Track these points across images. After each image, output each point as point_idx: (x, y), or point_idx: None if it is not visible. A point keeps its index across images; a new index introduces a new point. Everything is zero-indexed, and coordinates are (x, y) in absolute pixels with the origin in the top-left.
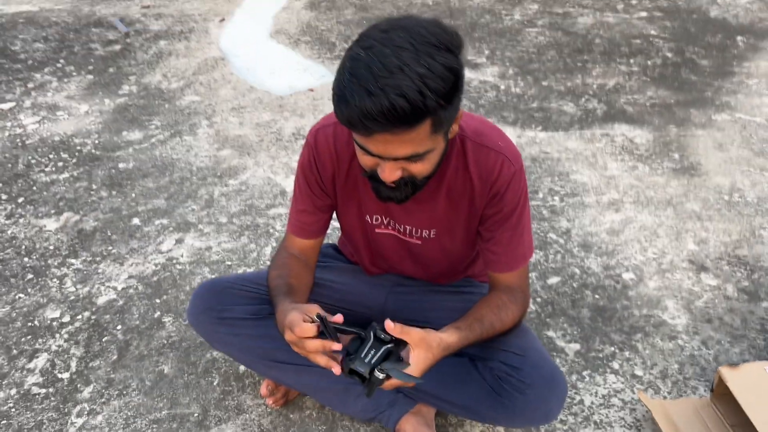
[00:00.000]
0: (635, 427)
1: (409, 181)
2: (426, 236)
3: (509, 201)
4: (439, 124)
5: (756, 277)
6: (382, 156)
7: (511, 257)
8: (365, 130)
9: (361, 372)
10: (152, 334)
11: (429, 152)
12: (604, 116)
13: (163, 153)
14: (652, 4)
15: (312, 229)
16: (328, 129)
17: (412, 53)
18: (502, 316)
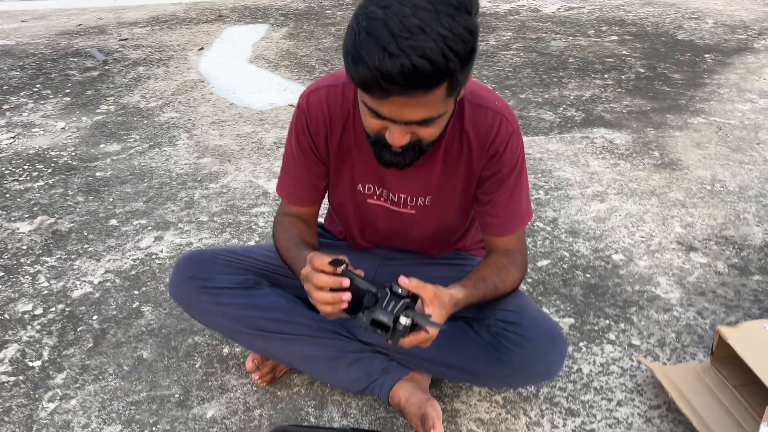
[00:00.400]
0: (636, 391)
1: (416, 146)
2: (421, 204)
3: (508, 161)
4: (454, 88)
5: (745, 254)
6: (395, 120)
7: (509, 219)
8: (382, 92)
9: (385, 321)
10: (130, 323)
11: (441, 116)
12: (582, 122)
13: (141, 162)
14: (622, 30)
15: (307, 197)
16: (321, 91)
17: (432, 13)
18: (503, 277)
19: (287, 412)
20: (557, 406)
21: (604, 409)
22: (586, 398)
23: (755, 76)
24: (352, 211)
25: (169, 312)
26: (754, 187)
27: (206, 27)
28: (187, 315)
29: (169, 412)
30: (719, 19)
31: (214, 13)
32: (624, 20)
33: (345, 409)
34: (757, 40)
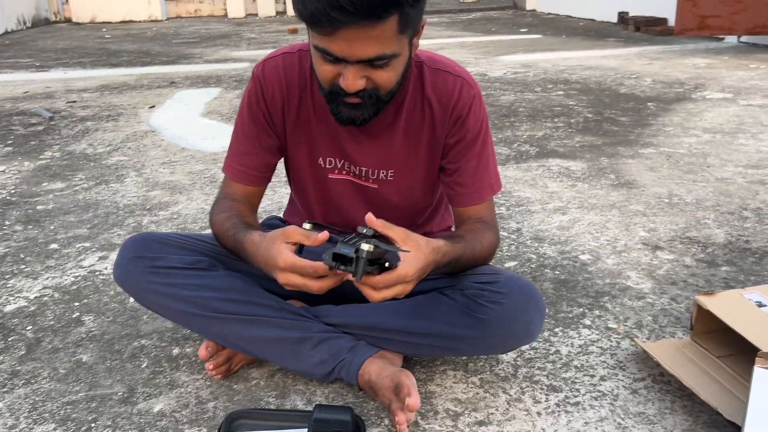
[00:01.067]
0: (619, 367)
1: (373, 94)
2: (383, 178)
3: (472, 126)
4: (405, 24)
5: (711, 251)
6: (347, 58)
7: (478, 188)
8: (330, 23)
9: (346, 252)
10: (69, 331)
11: (395, 57)
12: (537, 154)
13: (87, 197)
14: (567, 86)
15: (255, 174)
16: (277, 59)
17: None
18: (480, 239)
19: (245, 403)
20: (538, 383)
21: (588, 384)
22: (568, 375)
23: (696, 118)
24: (313, 191)
25: (113, 319)
26: (710, 199)
27: (158, 91)
28: (133, 321)
29: (111, 409)
30: (657, 78)
31: (167, 80)
32: (568, 80)
33: (309, 397)
34: (693, 92)
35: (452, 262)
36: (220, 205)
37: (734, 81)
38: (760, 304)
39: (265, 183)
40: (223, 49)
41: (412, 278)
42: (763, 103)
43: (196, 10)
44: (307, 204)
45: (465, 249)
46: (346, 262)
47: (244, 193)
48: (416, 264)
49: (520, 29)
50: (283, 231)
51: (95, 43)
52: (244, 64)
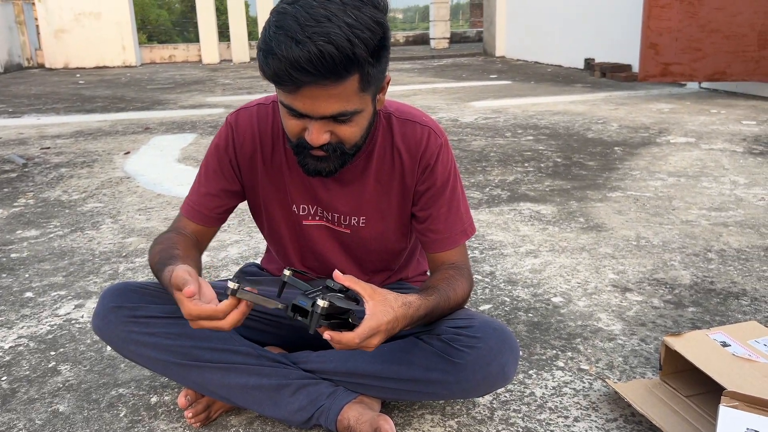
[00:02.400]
0: (592, 408)
1: (338, 148)
2: (355, 224)
3: (440, 173)
4: (367, 82)
5: (678, 292)
6: (310, 115)
7: (451, 233)
8: (292, 83)
9: (302, 305)
10: (45, 381)
11: (357, 113)
12: (509, 198)
13: (62, 244)
14: (536, 132)
15: (210, 215)
16: (252, 110)
17: (338, 5)
18: (454, 287)
19: None
20: (513, 426)
21: (562, 426)
22: (542, 417)
23: (661, 162)
24: (289, 237)
25: (89, 368)
26: (676, 241)
27: (133, 137)
28: (110, 369)
29: None
30: (623, 123)
31: (141, 126)
32: (537, 125)
33: None
34: (658, 137)
35: (427, 315)
36: (161, 237)
37: (696, 126)
38: (724, 344)
39: (219, 224)
40: (197, 95)
41: (377, 332)
42: (723, 147)
43: (171, 55)
44: (284, 250)
45: (439, 300)
46: (303, 314)
47: (193, 231)
48: (383, 318)
49: (490, 75)
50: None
51: (69, 89)
52: (218, 110)
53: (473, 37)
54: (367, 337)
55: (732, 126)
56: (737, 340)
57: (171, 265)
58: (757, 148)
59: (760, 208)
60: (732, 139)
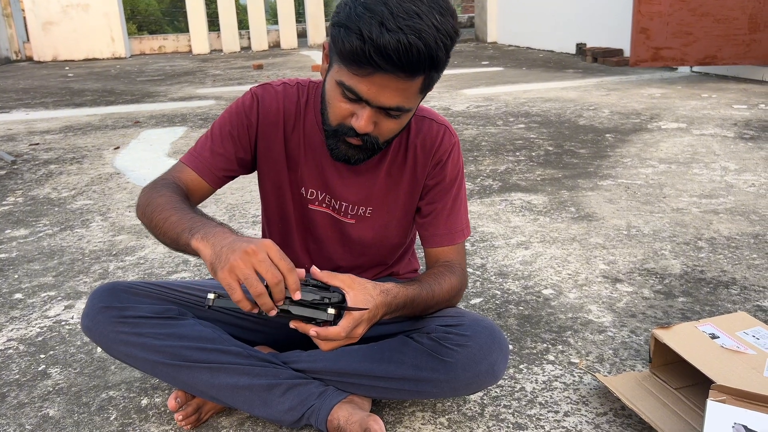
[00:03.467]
0: (582, 402)
1: (374, 141)
2: (361, 214)
3: (450, 170)
4: (427, 86)
5: (668, 282)
6: (370, 101)
7: (451, 230)
8: (370, 67)
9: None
10: (35, 385)
11: (408, 111)
12: (500, 189)
13: (51, 243)
14: (528, 119)
15: (217, 174)
16: (278, 87)
17: (427, 6)
18: (440, 281)
19: None
20: (504, 422)
21: (552, 421)
22: (533, 412)
23: (652, 149)
24: (294, 216)
25: (80, 371)
26: (666, 230)
27: (122, 131)
28: (100, 372)
29: None
30: (614, 109)
31: (131, 120)
32: (529, 113)
33: None
34: (649, 123)
35: (407, 304)
36: (165, 184)
37: (688, 111)
38: (713, 336)
39: (217, 187)
40: (187, 87)
41: (360, 322)
42: (714, 133)
43: (161, 46)
44: (287, 228)
45: (420, 291)
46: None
47: (192, 186)
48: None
49: (482, 62)
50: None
51: (58, 83)
52: (209, 102)
53: (465, 23)
54: (351, 328)
55: (723, 110)
56: (726, 331)
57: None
58: (747, 133)
59: (750, 195)
60: (723, 124)
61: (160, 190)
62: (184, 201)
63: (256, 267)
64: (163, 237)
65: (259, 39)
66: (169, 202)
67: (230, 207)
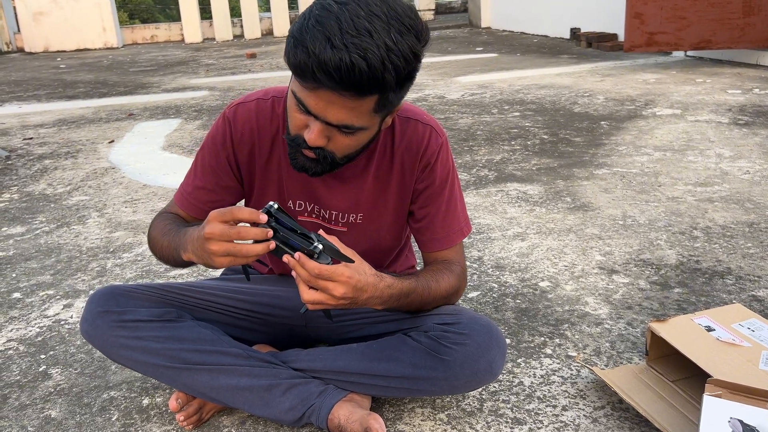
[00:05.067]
0: (579, 396)
1: (329, 155)
2: (352, 221)
3: (440, 172)
4: (382, 106)
5: (663, 272)
6: (318, 116)
7: (447, 233)
8: (314, 82)
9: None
10: (36, 385)
11: (361, 130)
12: (496, 179)
13: (48, 241)
14: (523, 107)
15: (204, 208)
16: (250, 104)
17: (384, 24)
18: (437, 278)
19: None
20: (503, 417)
21: (550, 415)
22: (531, 407)
23: (647, 136)
24: None
25: (80, 371)
26: (662, 219)
27: (117, 124)
28: (101, 372)
29: None
30: (609, 96)
31: (124, 112)
32: (524, 100)
33: None
34: (644, 109)
35: (402, 296)
36: (162, 216)
37: (682, 96)
38: (708, 329)
39: None
40: (181, 77)
41: (347, 281)
42: (709, 119)
43: (153, 35)
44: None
45: (416, 286)
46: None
47: (189, 221)
48: (355, 274)
49: (476, 48)
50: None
51: (50, 74)
52: (202, 92)
53: (458, 8)
54: (331, 279)
55: (717, 96)
56: (721, 324)
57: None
58: (742, 119)
59: (744, 182)
60: (717, 110)
61: (155, 224)
62: (171, 223)
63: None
64: (172, 262)
65: (252, 27)
66: (161, 230)
67: None
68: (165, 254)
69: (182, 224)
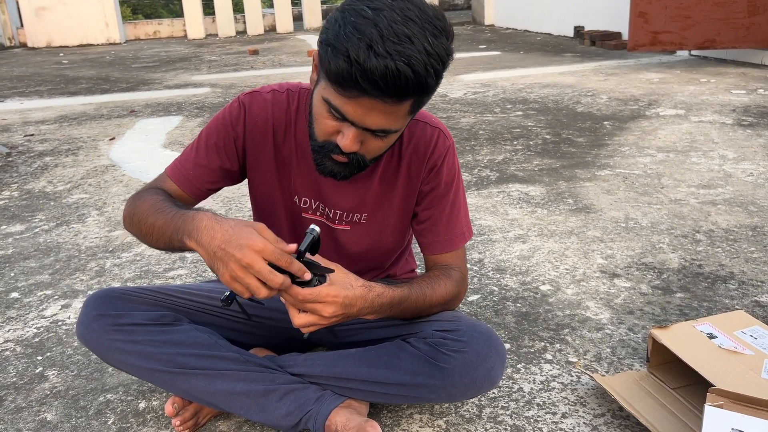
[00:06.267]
0: (579, 403)
1: (361, 159)
2: (356, 220)
3: (446, 175)
4: (416, 107)
5: (665, 277)
6: (355, 123)
7: (450, 236)
8: (356, 90)
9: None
10: (32, 388)
11: (396, 132)
12: (497, 180)
13: (47, 239)
14: (525, 106)
15: (201, 188)
16: (267, 95)
17: (420, 28)
18: (433, 284)
19: None
20: (501, 424)
21: (550, 423)
22: (530, 414)
23: (651, 137)
24: (286, 225)
25: (77, 373)
26: (664, 222)
27: (118, 121)
28: (98, 374)
29: None
30: (612, 95)
31: (126, 109)
32: (526, 99)
33: None
34: (648, 109)
35: (394, 305)
36: (152, 190)
37: (686, 96)
38: (711, 336)
39: (201, 199)
40: (183, 74)
41: (334, 300)
42: (713, 119)
43: (155, 31)
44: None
45: (410, 294)
46: None
47: (177, 198)
48: (342, 291)
49: (480, 45)
50: (256, 224)
51: (52, 70)
52: (204, 89)
53: (462, 5)
54: (318, 302)
55: (721, 96)
56: (724, 331)
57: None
58: (746, 120)
59: (748, 185)
60: (721, 111)
61: (143, 197)
62: (165, 200)
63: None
64: (156, 243)
65: (255, 23)
66: (152, 206)
67: (227, 201)
68: (153, 233)
69: (179, 204)
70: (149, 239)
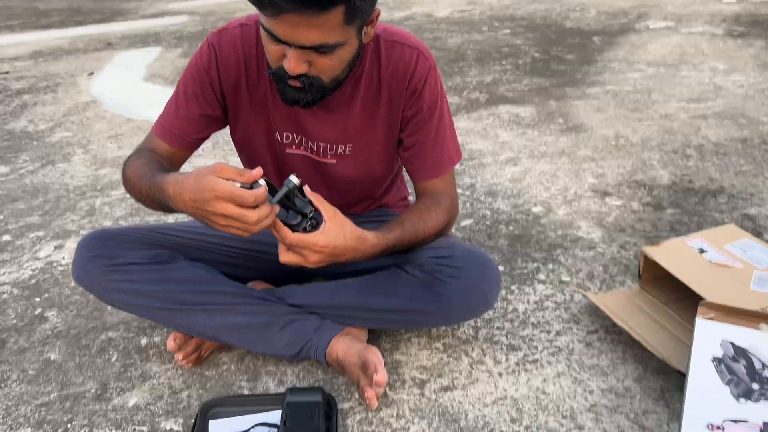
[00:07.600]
0: (573, 320)
1: (315, 81)
2: (341, 152)
3: (428, 98)
4: (352, 15)
5: (656, 193)
6: (289, 42)
7: (436, 161)
8: (272, 8)
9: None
10: (33, 329)
11: (339, 46)
12: (487, 102)
13: (34, 180)
14: (513, 24)
15: (187, 139)
16: (235, 31)
17: None
18: (425, 218)
19: (218, 389)
20: (497, 344)
21: (544, 341)
22: (525, 333)
23: (640, 51)
24: (271, 164)
25: (77, 313)
26: (654, 138)
27: (95, 55)
28: (98, 313)
29: (85, 408)
30: (601, 9)
31: (103, 42)
32: (514, 16)
33: (280, 377)
34: (637, 23)
35: (386, 249)
36: (138, 153)
37: (676, 7)
38: (701, 251)
39: (192, 149)
40: (159, 2)
41: (321, 250)
42: (703, 30)
43: None
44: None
45: (403, 235)
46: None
47: (168, 154)
48: (331, 240)
49: None
50: (213, 167)
51: (22, 2)
52: (182, 18)
53: None
54: (305, 247)
55: (712, 5)
56: (714, 245)
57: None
58: (737, 29)
59: (738, 97)
60: (712, 21)
61: (130, 163)
62: (146, 165)
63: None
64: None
65: None
66: (137, 174)
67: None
68: (144, 199)
69: (158, 165)
70: (147, 204)
